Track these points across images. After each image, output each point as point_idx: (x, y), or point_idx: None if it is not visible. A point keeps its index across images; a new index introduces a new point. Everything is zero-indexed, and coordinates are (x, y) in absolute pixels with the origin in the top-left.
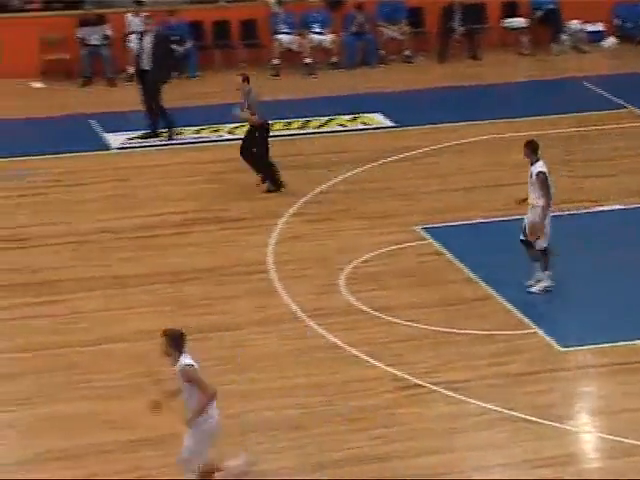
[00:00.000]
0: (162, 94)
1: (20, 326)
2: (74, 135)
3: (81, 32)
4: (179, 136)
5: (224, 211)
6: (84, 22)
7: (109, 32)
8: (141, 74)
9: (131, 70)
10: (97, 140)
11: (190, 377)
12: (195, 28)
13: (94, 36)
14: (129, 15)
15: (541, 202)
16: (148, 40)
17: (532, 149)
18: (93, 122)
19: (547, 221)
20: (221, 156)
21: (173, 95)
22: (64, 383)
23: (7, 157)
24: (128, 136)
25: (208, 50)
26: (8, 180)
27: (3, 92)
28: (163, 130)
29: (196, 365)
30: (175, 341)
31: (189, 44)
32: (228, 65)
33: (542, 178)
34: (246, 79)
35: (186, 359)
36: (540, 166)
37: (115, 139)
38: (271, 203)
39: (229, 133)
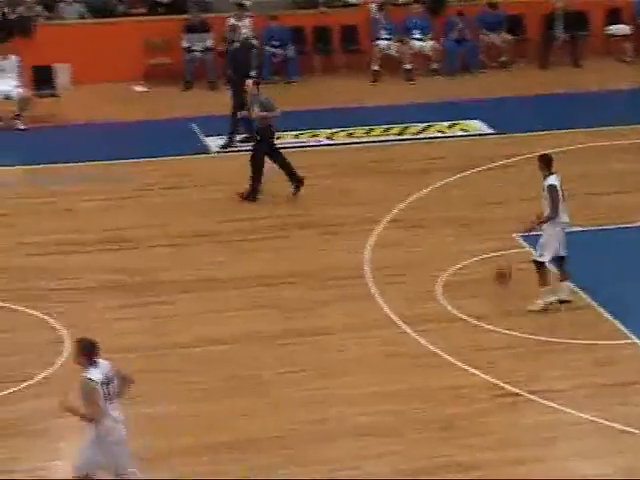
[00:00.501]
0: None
1: (119, 327)
2: (175, 138)
3: (187, 40)
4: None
5: (321, 216)
6: (189, 29)
7: (212, 42)
8: (230, 80)
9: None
10: (197, 143)
11: (84, 393)
12: (296, 33)
13: (198, 44)
14: (231, 19)
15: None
16: (234, 46)
17: (545, 163)
18: (194, 126)
19: (555, 235)
20: (319, 161)
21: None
22: (160, 384)
23: (110, 160)
24: (237, 139)
25: (308, 55)
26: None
27: (107, 96)
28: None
29: (98, 382)
30: (85, 350)
31: (290, 49)
32: (328, 70)
33: (553, 192)
34: (257, 82)
35: (92, 373)
36: (552, 180)
37: (215, 143)
38: (367, 209)
39: (327, 138)
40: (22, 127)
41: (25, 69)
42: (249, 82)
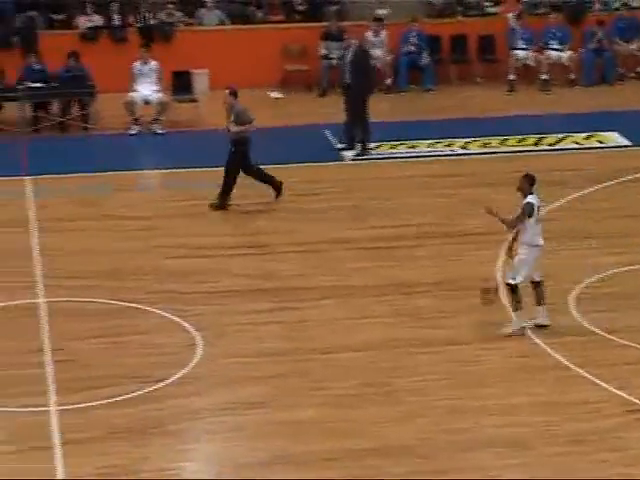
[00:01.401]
0: (367, 107)
1: (254, 331)
2: (309, 145)
3: (324, 47)
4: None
5: (455, 225)
6: (326, 36)
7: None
8: (346, 87)
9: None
10: (331, 151)
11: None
12: (433, 42)
13: (336, 51)
14: (369, 33)
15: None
16: (350, 54)
17: (529, 182)
18: (328, 133)
19: (530, 257)
20: (453, 170)
21: (409, 108)
22: (296, 389)
23: None
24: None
25: (444, 64)
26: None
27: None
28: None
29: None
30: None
31: (426, 57)
32: (464, 79)
33: (525, 208)
34: (233, 93)
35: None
36: (530, 198)
37: (349, 151)
38: None
39: (462, 148)
40: (160, 131)
41: (165, 74)
42: (226, 92)
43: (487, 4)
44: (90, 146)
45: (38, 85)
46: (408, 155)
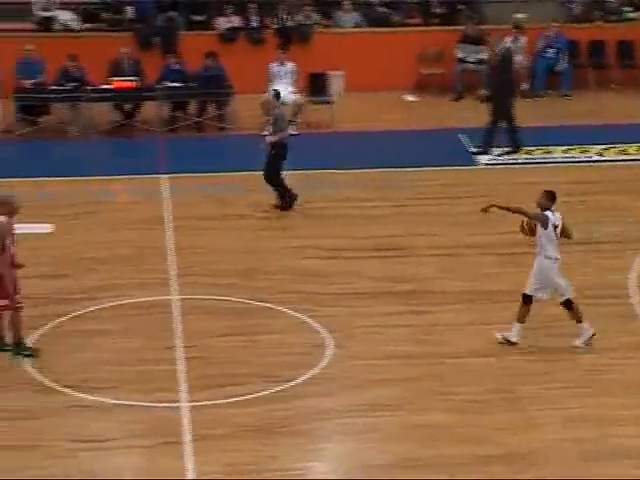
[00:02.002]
0: (513, 111)
1: (385, 334)
2: (443, 149)
3: (461, 51)
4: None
5: (590, 232)
6: (464, 39)
7: (485, 54)
8: (492, 90)
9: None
10: (465, 155)
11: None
12: (571, 46)
13: (473, 55)
14: (507, 39)
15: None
16: (498, 56)
17: (548, 199)
18: (462, 137)
19: (547, 269)
20: (589, 177)
21: (545, 113)
22: (424, 393)
23: (380, 167)
24: (496, 152)
25: (583, 69)
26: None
27: (379, 104)
28: (507, 146)
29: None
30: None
31: (564, 62)
32: (602, 85)
33: (541, 217)
34: (276, 95)
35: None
36: (549, 214)
37: (483, 155)
38: (638, 228)
39: (598, 154)
40: (295, 132)
41: (301, 75)
42: (267, 95)
43: (627, 9)
44: (226, 146)
45: (176, 85)
46: (543, 161)
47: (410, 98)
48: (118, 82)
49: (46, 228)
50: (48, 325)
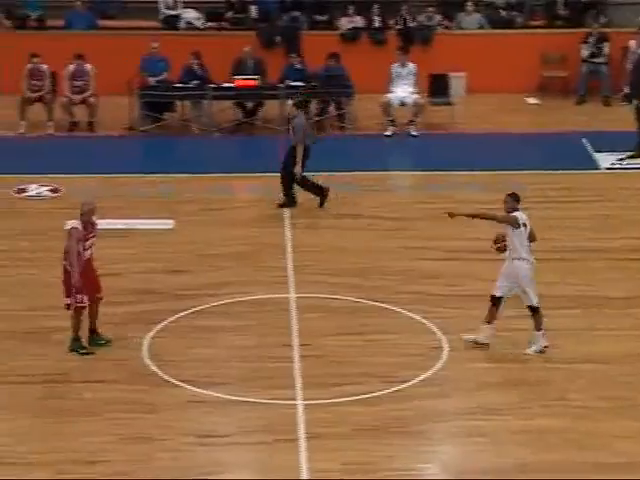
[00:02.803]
0: None
1: (500, 337)
2: (565, 152)
3: (585, 53)
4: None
5: None
6: (587, 42)
7: (607, 50)
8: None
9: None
10: (587, 159)
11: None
12: None
13: (597, 57)
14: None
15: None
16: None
17: (515, 200)
18: (585, 141)
19: (526, 273)
20: None
21: None
22: (538, 398)
23: (499, 170)
24: (618, 157)
25: None
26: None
27: (500, 106)
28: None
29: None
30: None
31: None
32: None
33: (510, 218)
34: (297, 104)
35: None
36: (517, 214)
37: (605, 159)
38: None
39: None
40: (415, 133)
41: (422, 77)
42: (290, 103)
43: None
44: (346, 146)
45: (298, 84)
46: None
47: (532, 100)
48: (241, 80)
49: (167, 224)
50: (167, 320)
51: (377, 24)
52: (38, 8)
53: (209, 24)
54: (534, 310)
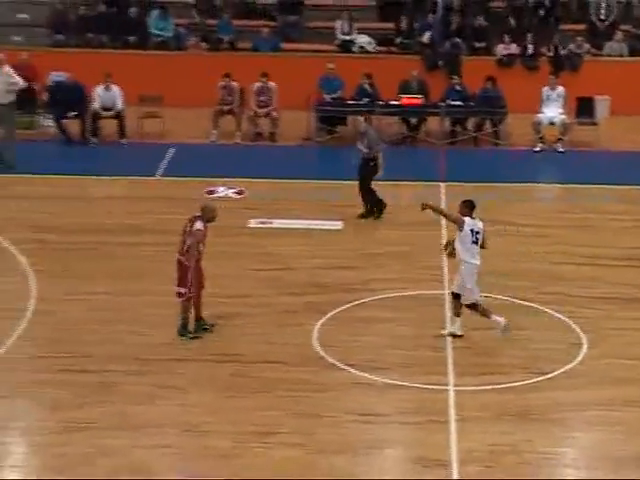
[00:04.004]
0: None
1: (633, 336)
2: None
3: None
4: None
5: None
6: None
7: None
8: None
9: None
10: None
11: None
12: None
13: None
14: None
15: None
16: None
17: (468, 207)
18: None
19: (469, 274)
20: None
21: None
22: None
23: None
24: None
25: None
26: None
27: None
28: None
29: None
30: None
31: None
32: None
33: (459, 219)
34: (367, 119)
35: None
36: (468, 220)
37: None
38: None
39: None
40: (561, 150)
41: (569, 99)
42: (359, 118)
43: None
44: (498, 159)
45: (457, 103)
46: None
47: None
48: (406, 99)
49: (337, 225)
50: (335, 310)
51: (530, 51)
52: (230, 32)
53: (379, 48)
54: (473, 306)
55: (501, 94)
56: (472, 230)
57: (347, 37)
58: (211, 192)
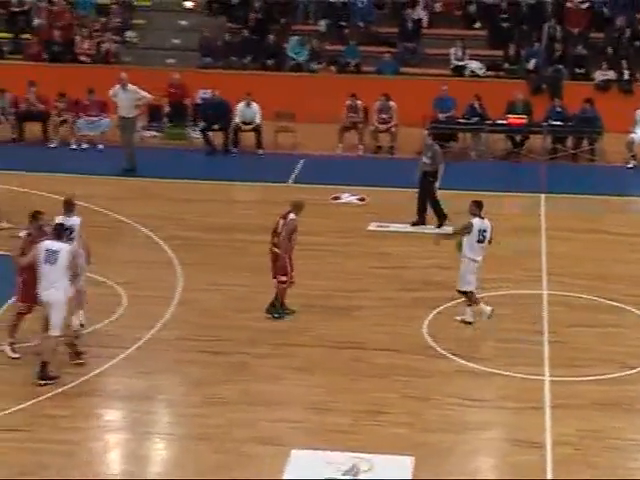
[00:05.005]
0: None
1: None
2: None
3: None
4: None
5: None
6: None
7: None
8: None
9: None
10: None
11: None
12: None
13: None
14: None
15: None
16: None
17: (477, 207)
18: None
19: (469, 269)
20: None
21: None
22: None
23: None
24: None
25: None
26: None
27: None
28: None
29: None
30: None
31: None
32: None
33: (466, 225)
34: (431, 135)
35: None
36: (476, 220)
37: None
38: None
39: None
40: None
41: None
42: (424, 132)
43: None
44: (594, 174)
45: (558, 123)
46: None
47: None
48: (512, 118)
49: (448, 230)
50: (444, 305)
51: (626, 77)
52: (356, 57)
53: (489, 73)
54: (463, 293)
55: (598, 115)
56: (479, 230)
57: (460, 62)
58: (336, 198)
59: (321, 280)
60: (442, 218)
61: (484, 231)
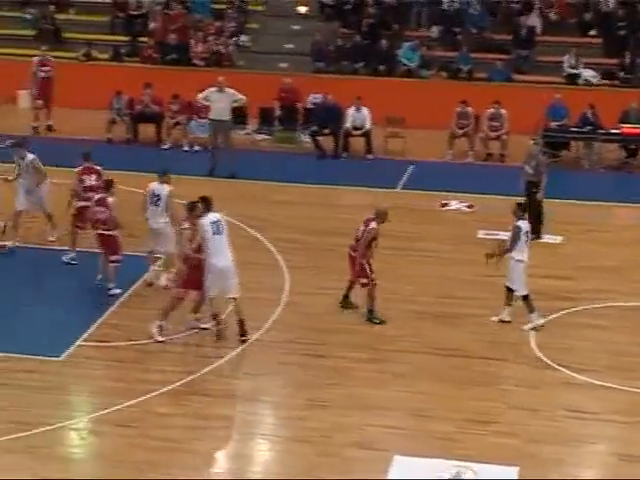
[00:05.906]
0: None
1: None
2: None
3: None
4: None
5: None
6: None
7: None
8: None
9: None
10: None
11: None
12: None
13: None
14: None
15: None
16: None
17: (521, 209)
18: None
19: (518, 271)
20: None
21: None
22: None
23: None
24: None
25: None
26: None
27: None
28: None
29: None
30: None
31: None
32: None
33: (515, 231)
34: (537, 143)
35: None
36: (520, 223)
37: None
38: None
39: None
40: None
41: None
42: (530, 141)
43: None
44: None
45: None
46: None
47: None
48: (627, 128)
49: (557, 239)
50: (553, 316)
51: None
52: (468, 63)
53: (603, 81)
54: (523, 297)
55: None
56: (527, 232)
57: (573, 70)
58: (444, 205)
59: (427, 286)
60: (538, 231)
61: (527, 232)
